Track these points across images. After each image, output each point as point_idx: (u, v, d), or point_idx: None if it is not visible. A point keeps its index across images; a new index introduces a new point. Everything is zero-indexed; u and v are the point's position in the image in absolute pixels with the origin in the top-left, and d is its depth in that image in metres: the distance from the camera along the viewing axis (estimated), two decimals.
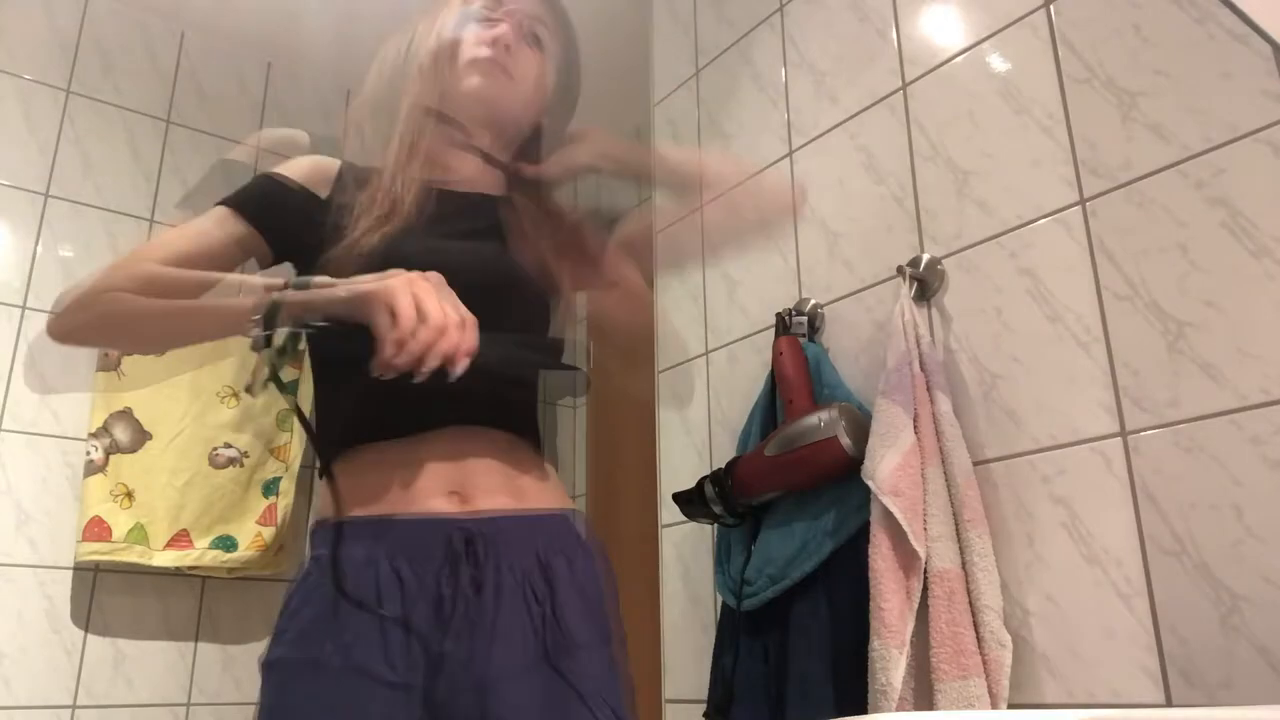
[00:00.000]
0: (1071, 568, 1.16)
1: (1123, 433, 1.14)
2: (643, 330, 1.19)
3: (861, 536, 1.28)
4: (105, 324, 0.99)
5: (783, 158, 1.72)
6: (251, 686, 2.08)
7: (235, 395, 2.13)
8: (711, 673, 1.49)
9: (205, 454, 2.05)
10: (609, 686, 0.94)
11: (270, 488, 2.11)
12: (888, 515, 1.22)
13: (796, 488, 1.42)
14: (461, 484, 0.94)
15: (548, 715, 0.88)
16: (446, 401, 0.91)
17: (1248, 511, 1.02)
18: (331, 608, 0.88)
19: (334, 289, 0.87)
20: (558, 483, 1.06)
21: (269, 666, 0.89)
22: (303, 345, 0.93)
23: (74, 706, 1.89)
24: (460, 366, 0.81)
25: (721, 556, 1.55)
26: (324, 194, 1.03)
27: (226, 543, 2.02)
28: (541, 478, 1.02)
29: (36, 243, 2.06)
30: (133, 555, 1.92)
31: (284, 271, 0.98)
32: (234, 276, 0.95)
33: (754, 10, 1.86)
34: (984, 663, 1.15)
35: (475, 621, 0.88)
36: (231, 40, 2.50)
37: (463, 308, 0.85)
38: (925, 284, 1.40)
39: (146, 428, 2.01)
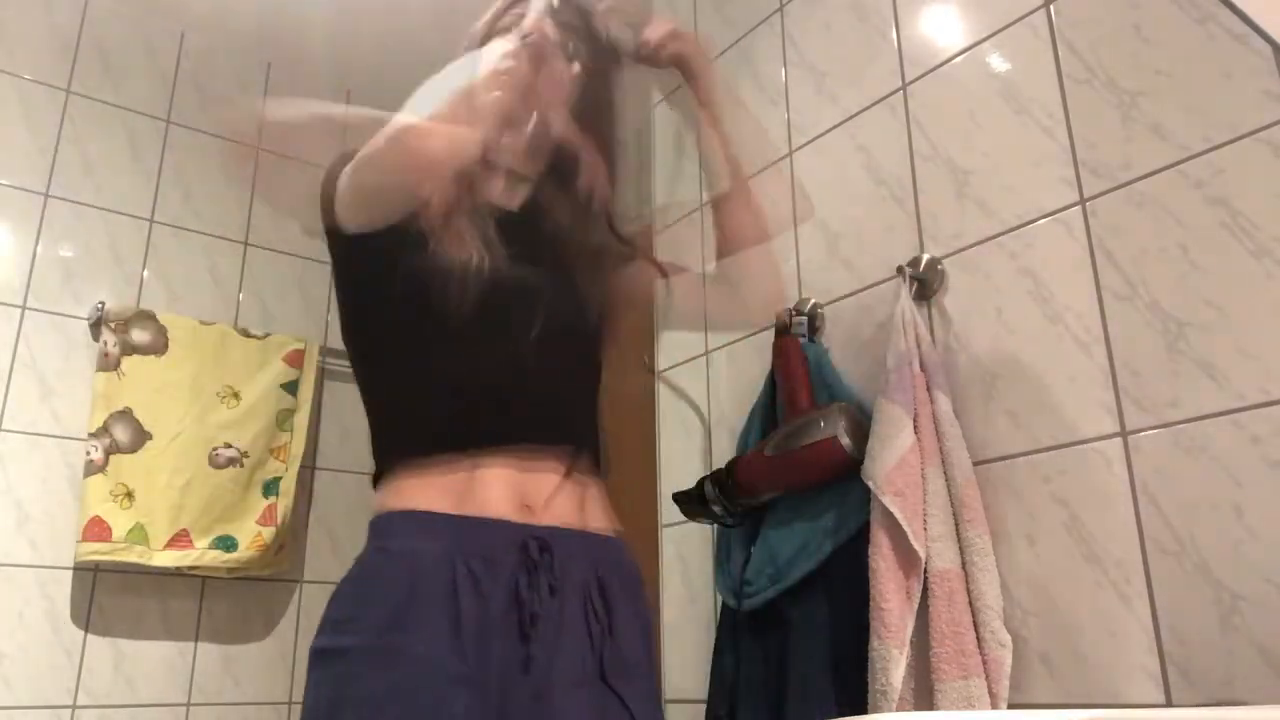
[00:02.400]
0: (1071, 568, 1.16)
1: (1123, 433, 1.14)
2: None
3: (861, 536, 1.28)
4: None
5: (783, 158, 1.72)
6: (251, 686, 2.08)
7: (235, 395, 2.13)
8: (711, 673, 1.49)
9: (205, 454, 2.05)
10: (656, 713, 0.96)
11: (270, 488, 2.11)
12: (888, 515, 1.22)
13: (796, 488, 1.42)
14: (531, 497, 0.95)
15: None
16: (518, 416, 0.95)
17: (1248, 511, 1.02)
18: (405, 598, 0.87)
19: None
20: (609, 503, 1.07)
21: (330, 654, 0.88)
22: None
23: (74, 706, 1.89)
24: None
25: (721, 556, 1.55)
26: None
27: (226, 543, 2.02)
28: (599, 497, 1.04)
29: (36, 243, 2.06)
30: (133, 555, 1.92)
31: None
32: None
33: (754, 10, 1.86)
34: (984, 663, 1.15)
35: (546, 628, 0.89)
36: (231, 40, 2.50)
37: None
38: (925, 284, 1.40)
39: (146, 428, 2.01)
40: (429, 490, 0.94)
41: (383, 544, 0.93)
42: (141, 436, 2.00)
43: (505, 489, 0.95)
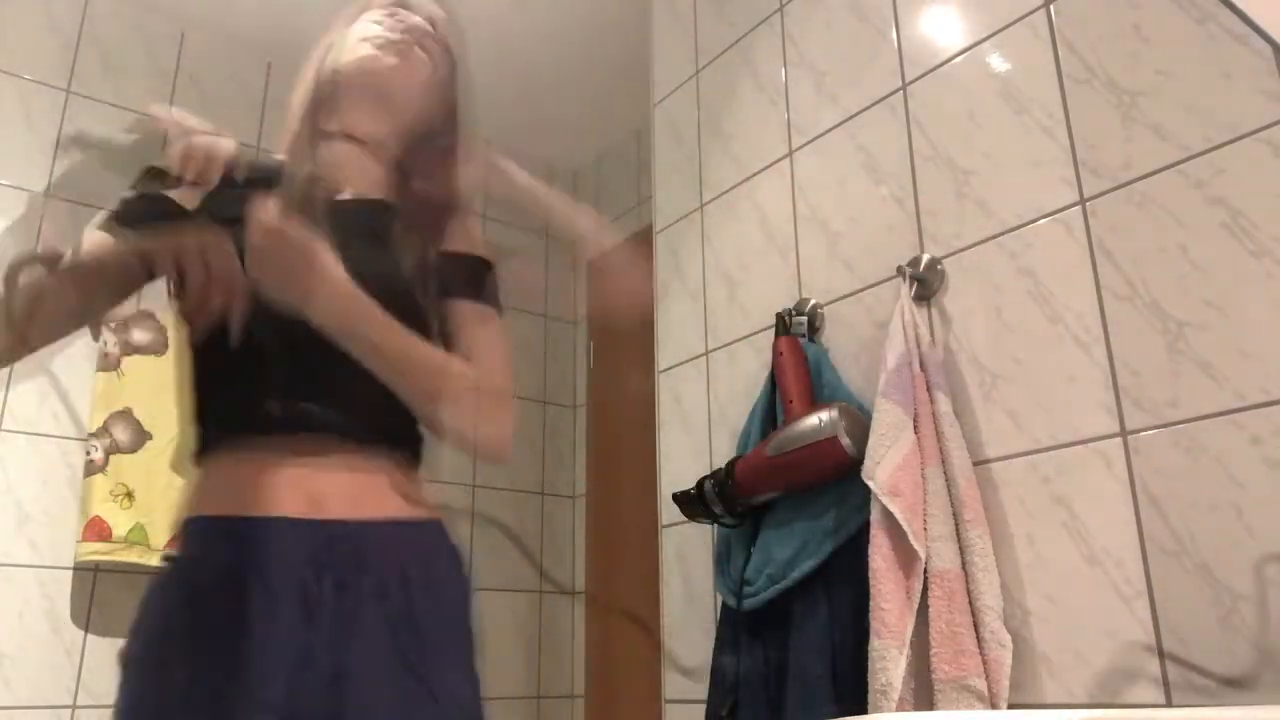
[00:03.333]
0: (1071, 568, 1.16)
1: (1123, 433, 1.14)
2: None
3: (861, 536, 1.28)
4: None
5: (783, 158, 1.72)
6: None
7: None
8: (711, 673, 1.49)
9: None
10: (466, 693, 0.96)
11: None
12: (888, 515, 1.22)
13: (796, 488, 1.42)
14: (320, 490, 0.94)
15: (401, 717, 0.90)
16: (309, 402, 0.94)
17: (1248, 511, 1.02)
18: (190, 609, 0.89)
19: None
20: (418, 492, 1.04)
21: (122, 660, 0.90)
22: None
23: (74, 706, 1.89)
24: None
25: (721, 556, 1.55)
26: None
27: None
28: (398, 485, 1.01)
29: (36, 243, 2.06)
30: (133, 555, 1.92)
31: None
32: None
33: (754, 10, 1.86)
34: (984, 663, 1.15)
35: (335, 622, 0.90)
36: (231, 40, 2.50)
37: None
38: (925, 284, 1.40)
39: (146, 428, 2.01)
40: (221, 487, 0.95)
41: (178, 550, 0.94)
42: (141, 436, 2.00)
43: (294, 483, 0.94)
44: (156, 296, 2.08)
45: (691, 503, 1.55)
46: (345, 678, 0.88)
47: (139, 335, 2.05)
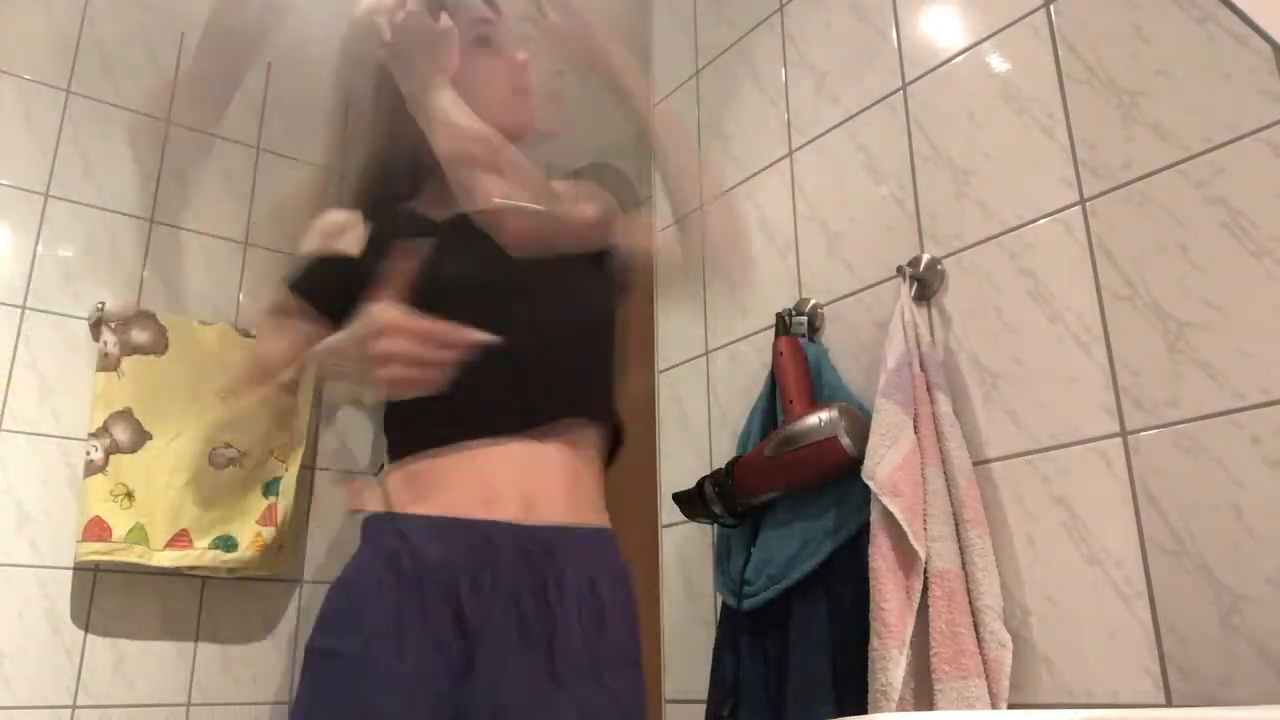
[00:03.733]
0: (1071, 568, 1.16)
1: (1123, 433, 1.14)
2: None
3: (861, 536, 1.28)
4: None
5: (783, 158, 1.72)
6: (251, 686, 2.08)
7: (236, 395, 2.12)
8: (711, 673, 1.49)
9: (205, 454, 2.05)
10: (641, 706, 0.97)
11: (270, 488, 2.11)
12: (888, 515, 1.22)
13: (796, 488, 1.42)
14: (528, 493, 0.96)
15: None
16: (517, 410, 0.95)
17: (1248, 511, 1.02)
18: (392, 606, 0.89)
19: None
20: (602, 499, 1.07)
21: (327, 654, 0.90)
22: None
23: (74, 706, 1.89)
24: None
25: (721, 556, 1.55)
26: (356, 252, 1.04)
27: (226, 543, 2.02)
28: (595, 492, 1.04)
29: (36, 243, 2.06)
30: (133, 555, 1.92)
31: None
32: None
33: (754, 10, 1.86)
34: (984, 663, 1.15)
35: (540, 629, 0.91)
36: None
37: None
38: (925, 284, 1.40)
39: (146, 428, 2.01)
40: (425, 491, 0.96)
41: (375, 544, 0.95)
42: (141, 436, 2.00)
43: (503, 486, 0.95)
44: (155, 297, 2.07)
45: (691, 503, 1.54)
46: (544, 683, 0.89)
47: (139, 335, 2.05)
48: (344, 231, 1.06)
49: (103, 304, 2.05)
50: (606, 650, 0.96)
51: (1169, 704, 1.05)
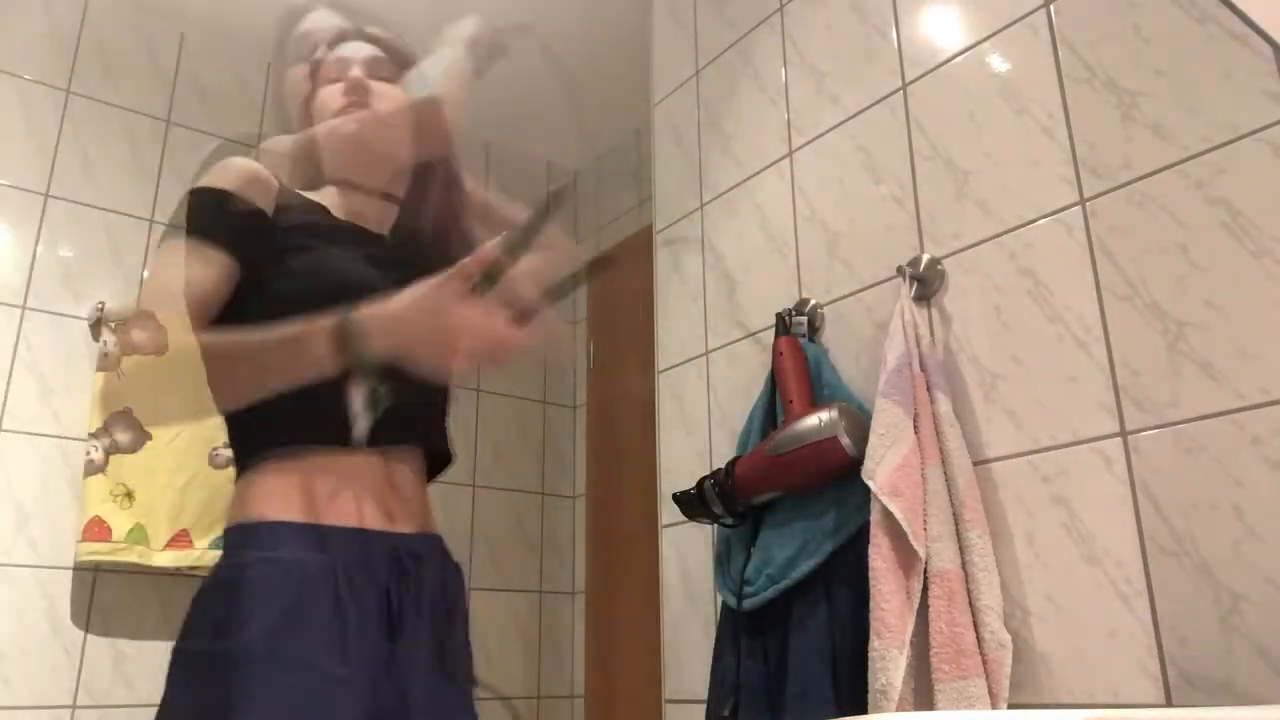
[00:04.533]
0: (1071, 568, 1.16)
1: (1123, 433, 1.14)
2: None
3: (861, 536, 1.28)
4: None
5: (783, 158, 1.72)
6: None
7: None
8: (711, 673, 1.49)
9: (205, 454, 2.05)
10: (472, 698, 1.04)
11: None
12: (888, 515, 1.22)
13: (796, 488, 1.42)
14: (393, 503, 1.02)
15: (442, 707, 0.98)
16: (393, 418, 0.95)
17: (1248, 511, 1.02)
18: (292, 605, 0.91)
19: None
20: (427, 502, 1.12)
21: (210, 656, 0.90)
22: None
23: (74, 706, 1.89)
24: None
25: (721, 556, 1.55)
26: (269, 210, 1.05)
27: None
28: (427, 499, 1.10)
29: (36, 243, 2.06)
30: (133, 555, 1.92)
31: None
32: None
33: (754, 10, 1.86)
34: (984, 663, 1.15)
35: (412, 633, 0.96)
36: (231, 40, 2.49)
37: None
38: (925, 284, 1.40)
39: (146, 428, 2.01)
40: (297, 495, 0.97)
41: (263, 554, 0.94)
42: (141, 436, 2.00)
43: (372, 496, 1.00)
44: None
45: (691, 503, 1.54)
46: (411, 682, 0.95)
47: (139, 335, 2.05)
48: (260, 183, 1.06)
49: (103, 304, 2.05)
50: (459, 642, 1.04)
51: (1169, 704, 1.05)
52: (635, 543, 2.45)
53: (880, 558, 1.22)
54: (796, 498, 1.42)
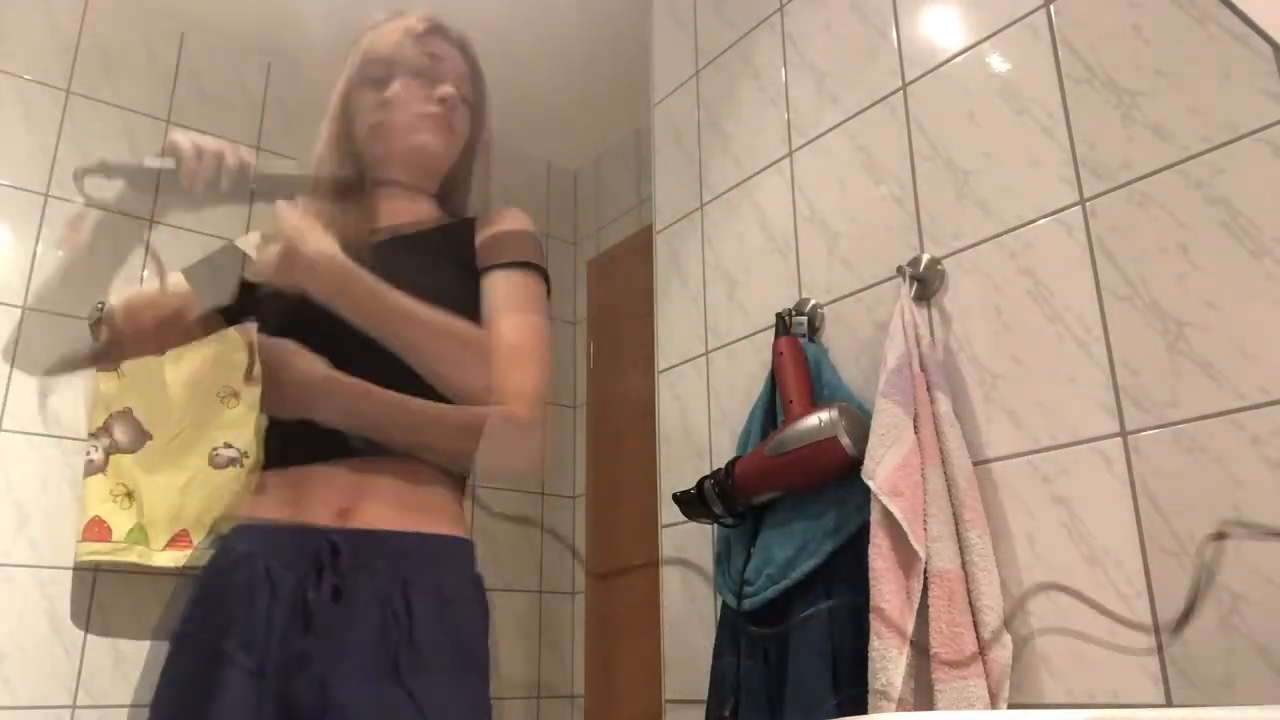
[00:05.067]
0: (1071, 568, 1.16)
1: (1123, 433, 1.14)
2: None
3: (861, 536, 1.28)
4: None
5: (783, 158, 1.72)
6: None
7: (235, 395, 2.13)
8: (711, 673, 1.49)
9: (205, 454, 2.05)
10: (460, 709, 0.98)
11: None
12: (888, 515, 1.22)
13: (796, 488, 1.42)
14: (352, 501, 1.02)
15: (379, 715, 0.93)
16: (339, 437, 1.02)
17: (1248, 511, 1.02)
18: (214, 594, 0.99)
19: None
20: (456, 510, 1.09)
21: (169, 639, 1.01)
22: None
23: (74, 706, 1.89)
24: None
25: (721, 556, 1.55)
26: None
27: None
28: (438, 503, 1.06)
29: (36, 243, 2.06)
30: (133, 555, 1.92)
31: None
32: None
33: (754, 10, 1.86)
34: (984, 663, 1.15)
35: (330, 627, 0.95)
36: (231, 40, 2.50)
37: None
38: (925, 284, 1.40)
39: (146, 428, 2.01)
40: (268, 500, 1.05)
41: (220, 545, 1.06)
42: (141, 436, 2.00)
43: (329, 494, 1.01)
44: None
45: (691, 503, 1.54)
46: (335, 681, 0.93)
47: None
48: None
49: (103, 304, 2.05)
50: (440, 653, 0.98)
51: (1169, 704, 1.05)
52: (635, 542, 2.45)
53: (880, 558, 1.22)
54: (796, 498, 1.42)
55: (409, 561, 1.00)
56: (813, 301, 1.59)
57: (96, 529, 1.90)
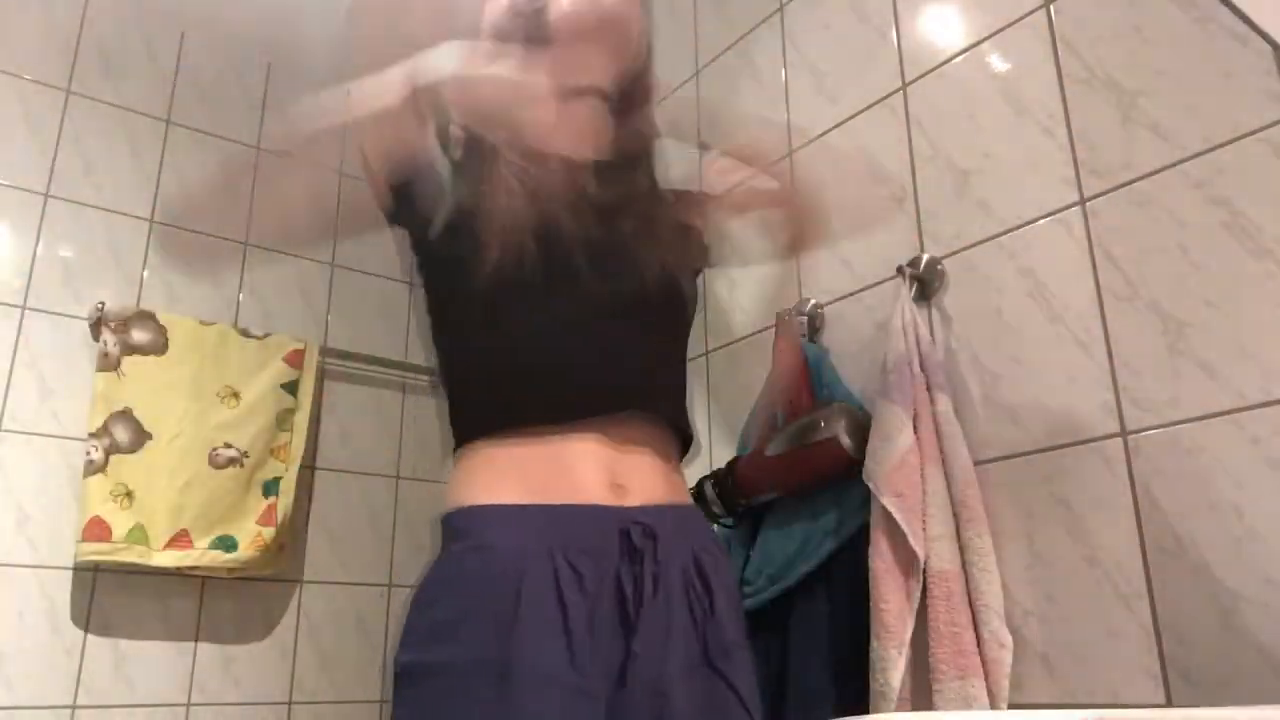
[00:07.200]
0: (1071, 568, 1.16)
1: (1123, 433, 1.14)
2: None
3: (861, 536, 1.28)
4: None
5: (783, 158, 1.72)
6: (251, 687, 2.08)
7: (235, 395, 2.12)
8: None
9: (205, 454, 2.04)
10: (755, 685, 0.92)
11: (270, 488, 2.11)
12: (887, 515, 1.22)
13: (796, 488, 1.42)
14: (622, 475, 0.88)
15: (711, 717, 0.85)
16: (606, 387, 0.89)
17: (1248, 511, 1.02)
18: (510, 603, 0.80)
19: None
20: (683, 475, 1.00)
21: (418, 671, 0.80)
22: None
23: (74, 706, 1.89)
24: None
25: None
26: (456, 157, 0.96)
27: (226, 543, 2.02)
28: (679, 469, 0.98)
29: (36, 243, 2.06)
30: (133, 555, 1.92)
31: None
32: None
33: (754, 10, 1.86)
34: (984, 663, 1.15)
35: (654, 621, 0.83)
36: (231, 40, 2.49)
37: None
38: (925, 284, 1.40)
39: (146, 428, 2.00)
40: (508, 478, 0.87)
41: (472, 542, 0.85)
42: (141, 437, 2.00)
43: (596, 469, 0.87)
44: (155, 297, 2.07)
45: None
46: (665, 676, 0.83)
47: (139, 335, 2.05)
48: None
49: (103, 304, 2.05)
50: (734, 630, 0.91)
51: (1169, 704, 1.04)
52: None
53: (880, 558, 1.22)
54: (796, 498, 1.42)
55: (696, 536, 0.92)
56: (813, 301, 1.59)
57: (96, 529, 1.90)
